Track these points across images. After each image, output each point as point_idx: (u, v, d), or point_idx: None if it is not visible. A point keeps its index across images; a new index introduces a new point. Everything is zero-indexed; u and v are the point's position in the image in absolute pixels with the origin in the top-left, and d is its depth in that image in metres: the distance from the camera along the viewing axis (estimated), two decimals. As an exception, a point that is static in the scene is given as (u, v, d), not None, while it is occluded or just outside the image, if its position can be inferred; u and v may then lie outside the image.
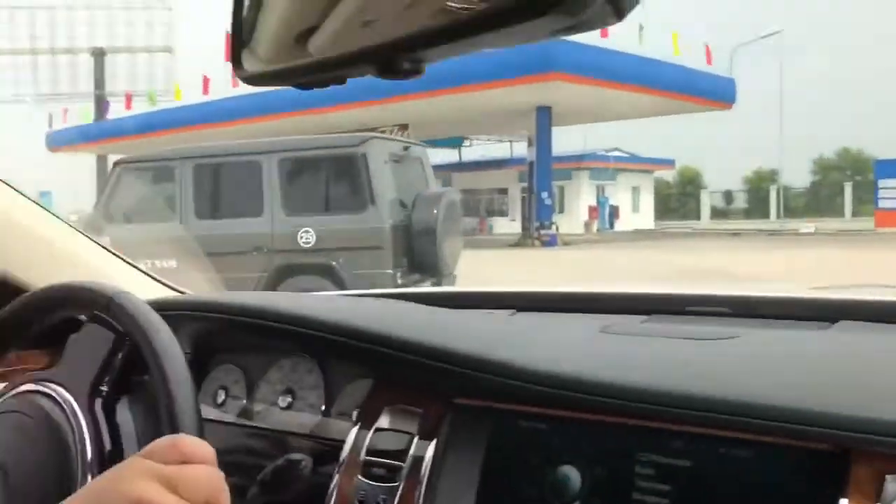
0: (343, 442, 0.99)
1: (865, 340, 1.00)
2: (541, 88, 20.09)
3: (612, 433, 0.81)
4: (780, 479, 0.71)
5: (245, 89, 30.45)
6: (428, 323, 1.11)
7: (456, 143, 37.43)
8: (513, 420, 0.88)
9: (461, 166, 39.02)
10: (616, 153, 38.13)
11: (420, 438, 0.93)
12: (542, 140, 23.46)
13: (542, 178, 23.35)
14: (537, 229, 23.37)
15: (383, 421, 0.97)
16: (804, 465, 0.70)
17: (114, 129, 29.41)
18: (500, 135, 33.32)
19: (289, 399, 1.15)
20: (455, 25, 0.36)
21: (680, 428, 0.77)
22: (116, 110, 32.27)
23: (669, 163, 42.47)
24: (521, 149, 37.69)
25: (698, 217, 39.56)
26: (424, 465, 0.90)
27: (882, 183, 29.98)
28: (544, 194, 23.24)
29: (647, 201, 39.73)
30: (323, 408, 1.12)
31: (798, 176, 55.74)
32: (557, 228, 23.99)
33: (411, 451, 0.92)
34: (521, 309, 1.36)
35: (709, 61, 24.06)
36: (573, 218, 35.48)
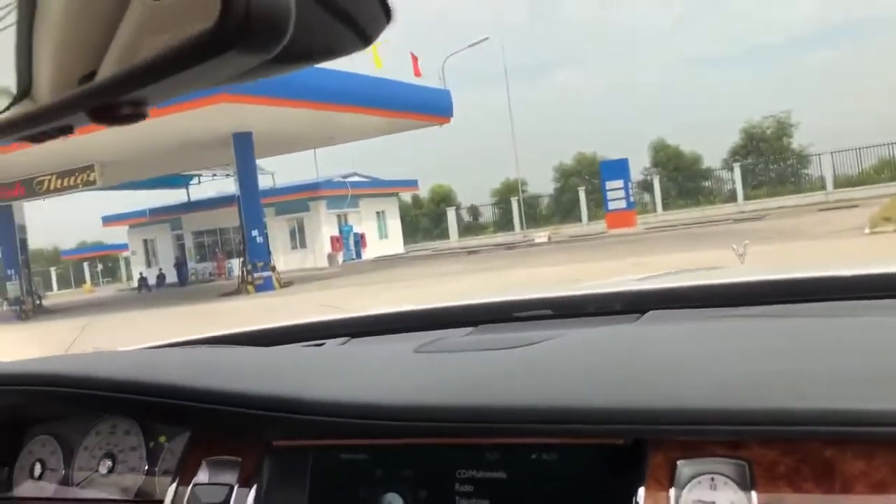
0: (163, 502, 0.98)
1: (667, 330, 1.06)
2: (228, 113, 17.32)
3: (431, 455, 0.83)
4: (585, 476, 0.75)
5: None
6: (239, 369, 1.11)
7: (181, 181, 33.87)
8: (333, 454, 0.89)
9: (192, 206, 35.30)
10: (354, 178, 36.27)
11: (240, 487, 0.93)
12: (245, 170, 20.65)
13: (250, 213, 20.53)
14: (249, 272, 20.50)
15: (202, 475, 0.97)
16: (605, 460, 0.74)
17: None
18: (205, 168, 29.95)
19: (109, 463, 1.13)
20: (166, 62, 0.35)
21: (492, 441, 0.80)
22: None
23: (412, 184, 41.49)
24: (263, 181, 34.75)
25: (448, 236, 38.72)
26: None
27: (609, 184, 30.58)
28: (254, 232, 20.43)
29: (395, 226, 38.23)
30: (146, 468, 1.10)
31: (545, 185, 57.67)
32: (274, 269, 21.26)
33: (231, 502, 0.92)
34: (354, 335, 1.42)
35: (417, 73, 22.56)
36: (316, 251, 33.00)
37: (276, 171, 34.96)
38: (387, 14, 0.39)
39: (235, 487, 0.93)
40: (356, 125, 21.66)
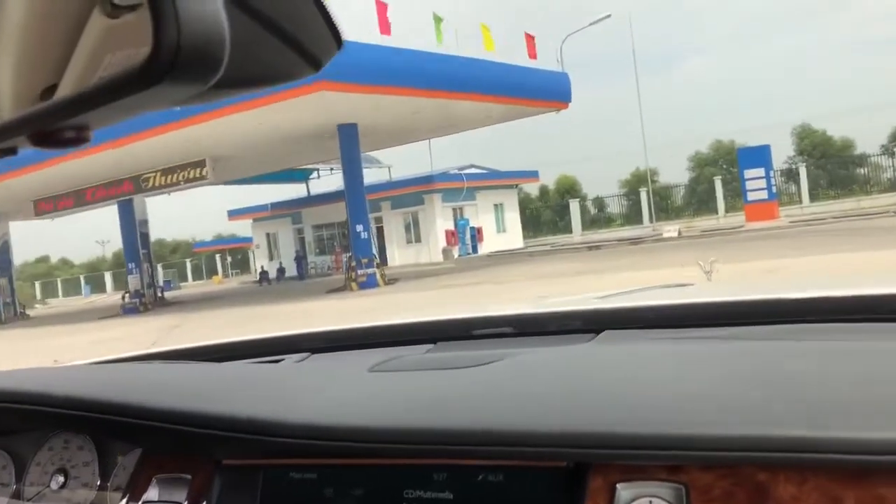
0: None
1: (618, 351, 1.07)
2: (331, 103, 16.50)
3: (379, 475, 0.84)
4: (530, 497, 0.77)
5: None
6: (192, 386, 1.10)
7: (300, 176, 33.98)
8: (283, 473, 0.89)
9: (311, 200, 35.34)
10: (471, 170, 35.03)
11: None
12: (350, 163, 19.82)
13: (355, 208, 19.67)
14: (353, 269, 19.68)
15: (151, 492, 0.98)
16: (549, 482, 0.76)
17: None
18: (317, 162, 29.58)
19: (61, 479, 1.12)
20: (103, 91, 0.35)
21: (440, 461, 0.81)
22: None
23: (532, 175, 39.66)
24: (379, 175, 34.25)
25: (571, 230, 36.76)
26: None
27: (748, 173, 27.78)
28: (358, 227, 19.56)
29: (513, 219, 36.63)
30: (98, 483, 1.10)
31: (679, 175, 54.40)
32: (379, 265, 20.35)
33: None
34: (314, 351, 1.42)
35: (532, 55, 20.92)
36: (431, 246, 32.07)
37: (393, 164, 34.45)
38: (337, 40, 0.39)
39: None
40: (470, 113, 20.38)
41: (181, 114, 16.66)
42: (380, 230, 31.79)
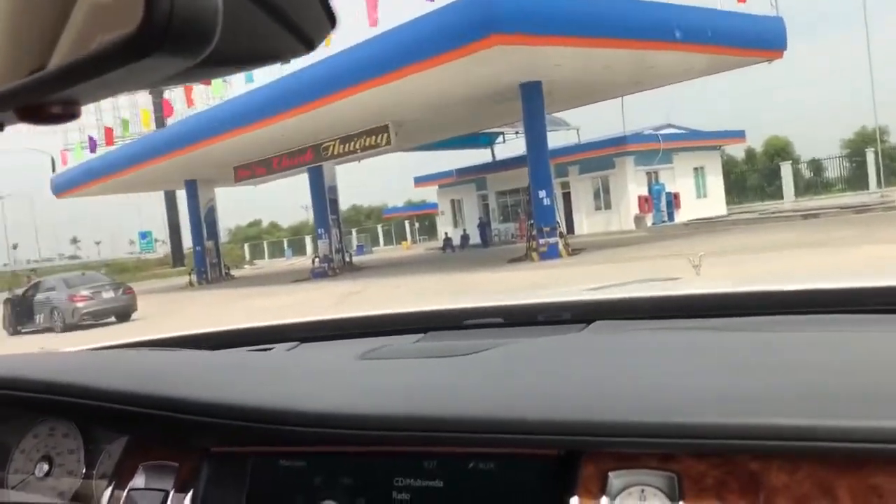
0: None
1: (609, 341, 1.08)
2: (513, 59, 15.35)
3: (369, 462, 0.84)
4: (520, 485, 0.76)
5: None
6: (180, 373, 1.09)
7: (485, 140, 33.24)
8: (272, 461, 0.89)
9: (496, 165, 34.52)
10: (668, 130, 32.31)
11: (176, 492, 0.93)
12: (532, 125, 18.57)
13: (538, 172, 18.44)
14: (534, 238, 18.52)
15: (138, 480, 0.97)
16: (540, 470, 0.76)
17: (118, 161, 26.69)
18: (500, 126, 28.41)
19: (46, 466, 1.11)
20: (92, 64, 0.35)
21: (430, 449, 0.80)
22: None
23: (738, 135, 35.83)
24: (566, 137, 32.70)
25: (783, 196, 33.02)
26: None
27: None
28: (541, 193, 18.32)
29: (715, 183, 33.35)
30: (84, 471, 1.08)
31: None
32: (562, 234, 19.01)
33: None
34: (304, 340, 1.41)
35: (740, -3, 18.34)
36: (622, 213, 30.09)
37: (581, 125, 32.64)
38: (331, 19, 0.39)
39: (171, 493, 0.93)
40: (669, 65, 18.29)
41: (364, 75, 16.31)
42: (566, 196, 30.24)
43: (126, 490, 0.96)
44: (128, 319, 16.75)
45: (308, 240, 53.41)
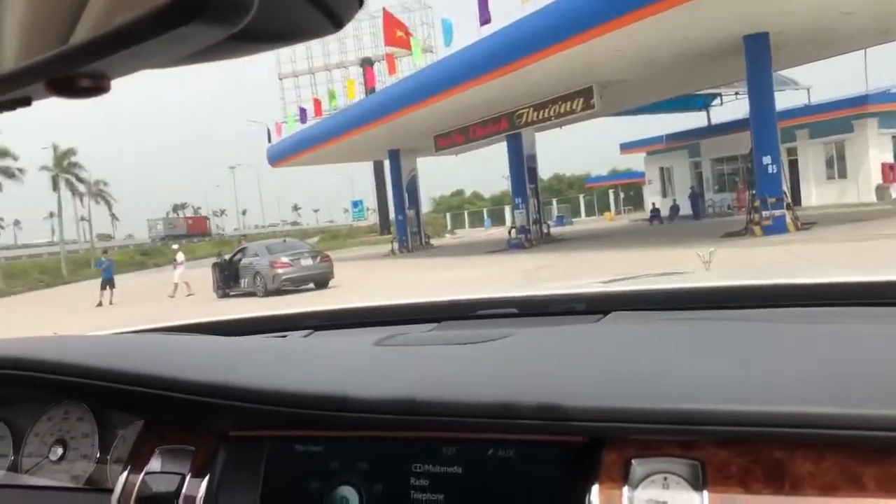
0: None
1: (628, 330, 1.06)
2: (736, 7, 13.44)
3: (387, 448, 0.84)
4: (540, 473, 0.76)
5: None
6: (197, 357, 1.08)
7: (699, 103, 30.66)
8: (289, 445, 0.89)
9: (712, 130, 31.76)
10: (922, 88, 27.75)
11: (192, 477, 0.92)
12: (757, 83, 16.35)
13: (763, 136, 16.25)
14: (756, 210, 16.41)
15: (154, 464, 0.96)
16: (561, 458, 0.75)
17: (325, 131, 27.80)
18: (719, 85, 25.67)
19: (60, 450, 1.10)
20: (127, 34, 0.35)
21: (449, 435, 0.80)
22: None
23: None
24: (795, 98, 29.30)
25: None
26: (198, 503, 0.90)
27: None
28: (765, 159, 16.15)
29: (984, 148, 28.24)
30: (98, 455, 1.07)
31: None
32: (790, 207, 16.67)
33: (183, 491, 0.91)
34: (317, 328, 1.42)
35: None
36: (860, 182, 26.38)
37: (812, 84, 29.00)
38: None
39: (188, 477, 0.92)
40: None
41: (567, 32, 15.14)
42: (792, 164, 26.94)
43: (142, 474, 0.95)
44: (325, 286, 16.99)
45: (507, 210, 53.17)
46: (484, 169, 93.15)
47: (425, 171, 29.65)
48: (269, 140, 33.64)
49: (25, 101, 0.42)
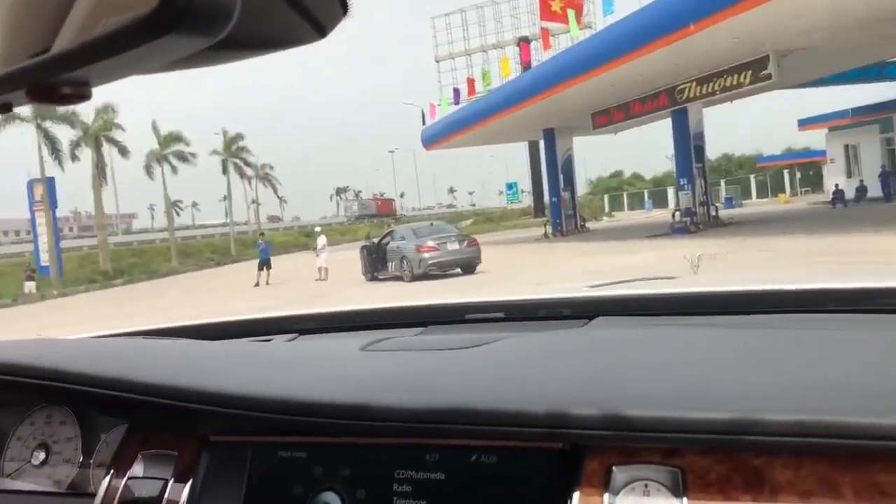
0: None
1: (612, 335, 1.08)
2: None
3: (370, 454, 0.84)
4: (523, 479, 0.76)
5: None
6: (180, 362, 1.09)
7: (894, 72, 27.21)
8: (272, 451, 0.89)
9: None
10: None
11: (175, 481, 0.92)
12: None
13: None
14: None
15: (137, 468, 0.96)
16: (543, 464, 0.76)
17: (478, 112, 27.48)
18: None
19: (42, 455, 1.10)
20: (108, 43, 0.35)
21: (432, 442, 0.80)
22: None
23: None
24: None
25: None
26: None
27: None
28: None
29: None
30: (81, 459, 1.08)
31: None
32: None
33: (166, 496, 0.91)
34: (303, 332, 1.41)
35: None
36: None
37: None
38: (343, 7, 0.39)
39: (170, 482, 0.92)
40: None
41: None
42: None
43: (124, 478, 0.95)
44: (472, 272, 16.50)
45: (670, 191, 50.51)
46: (645, 148, 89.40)
47: (582, 150, 28.47)
48: (424, 122, 33.71)
49: (6, 108, 0.42)
